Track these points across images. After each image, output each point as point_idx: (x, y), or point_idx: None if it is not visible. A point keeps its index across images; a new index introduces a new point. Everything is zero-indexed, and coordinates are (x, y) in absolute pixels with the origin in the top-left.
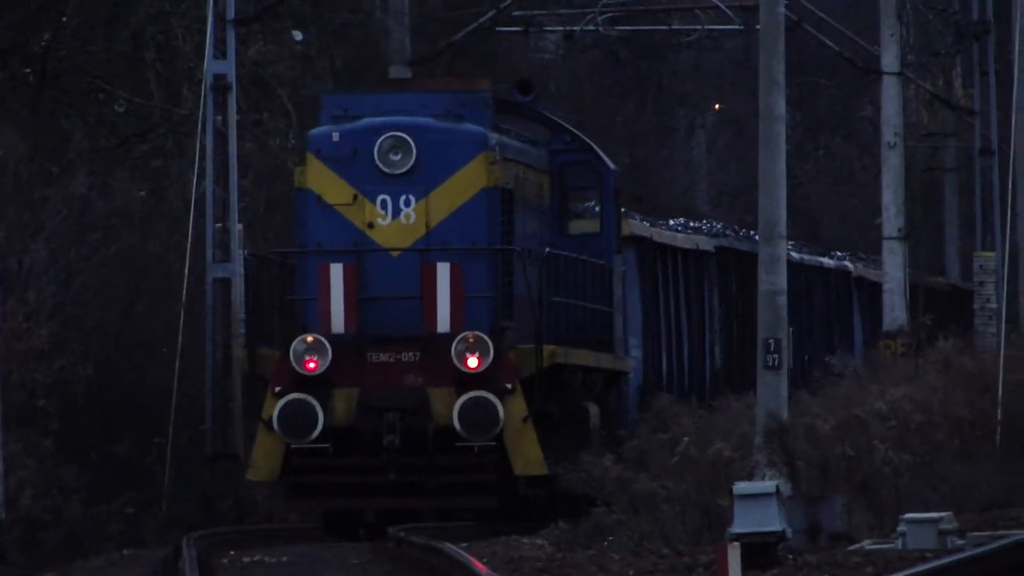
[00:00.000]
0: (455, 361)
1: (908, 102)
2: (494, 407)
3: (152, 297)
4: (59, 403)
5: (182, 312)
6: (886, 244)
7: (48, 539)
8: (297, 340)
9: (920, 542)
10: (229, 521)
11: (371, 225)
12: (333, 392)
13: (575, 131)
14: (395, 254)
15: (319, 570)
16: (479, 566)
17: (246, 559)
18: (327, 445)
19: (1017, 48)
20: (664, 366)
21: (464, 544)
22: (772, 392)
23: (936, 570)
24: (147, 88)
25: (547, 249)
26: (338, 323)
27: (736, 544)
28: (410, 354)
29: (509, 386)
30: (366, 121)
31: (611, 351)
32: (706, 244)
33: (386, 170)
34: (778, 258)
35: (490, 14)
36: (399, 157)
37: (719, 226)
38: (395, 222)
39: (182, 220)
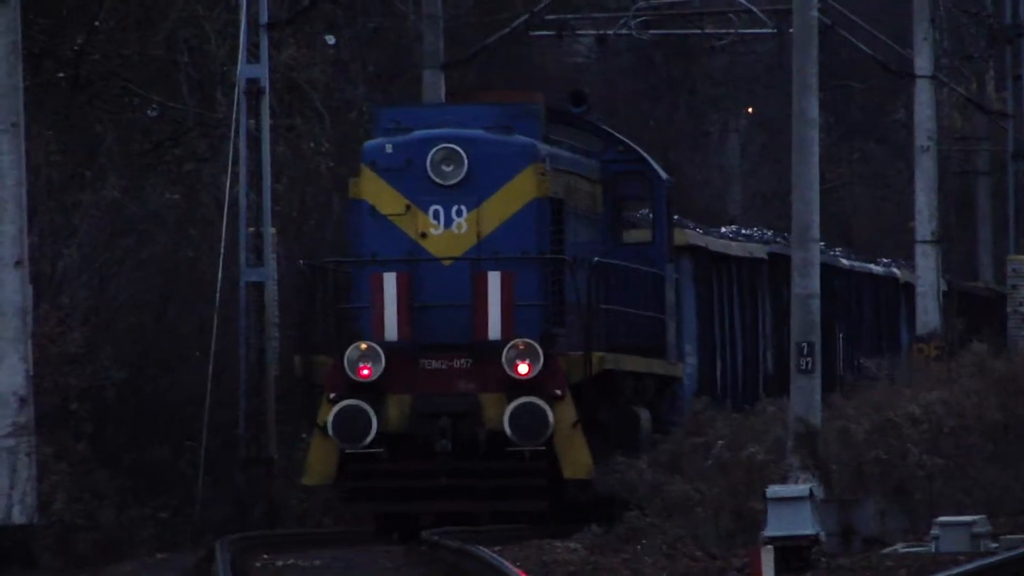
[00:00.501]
0: (506, 368)
1: (941, 106)
2: (544, 413)
3: (185, 301)
4: (92, 407)
5: (215, 316)
6: (919, 248)
7: (81, 543)
8: (351, 347)
9: (953, 545)
10: (262, 525)
11: (424, 235)
12: (387, 398)
13: (628, 141)
14: (447, 263)
15: (352, 574)
16: (515, 570)
17: (279, 563)
18: (381, 450)
19: None
20: (718, 372)
21: (497, 548)
22: (805, 396)
23: (969, 573)
24: (180, 92)
25: (595, 258)
26: (391, 331)
27: (769, 547)
28: (462, 361)
29: (559, 392)
30: (419, 133)
31: (664, 357)
32: (759, 251)
33: (438, 181)
34: (811, 262)
35: (523, 18)
36: (451, 168)
37: (770, 233)
38: (447, 232)
39: (215, 224)
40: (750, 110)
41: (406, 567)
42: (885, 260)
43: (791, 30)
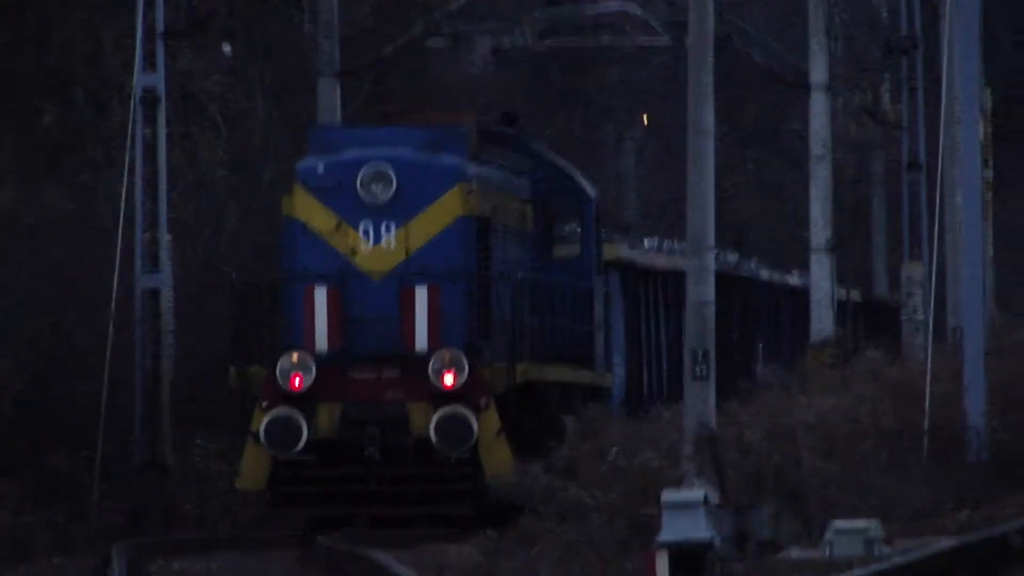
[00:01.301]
0: (432, 378)
1: (836, 115)
2: (468, 421)
3: (82, 309)
4: None
5: (111, 323)
6: (814, 256)
7: None
8: (283, 358)
9: (847, 550)
10: (158, 530)
11: (354, 251)
12: (317, 407)
13: (557, 160)
14: (376, 278)
15: None
16: (409, 573)
17: (176, 567)
18: (312, 457)
19: (945, 63)
20: (645, 380)
21: (392, 552)
22: (700, 402)
23: None
24: (76, 101)
25: (520, 274)
26: (322, 342)
27: (664, 552)
28: (390, 371)
29: (483, 402)
30: (349, 154)
31: (592, 368)
32: (684, 265)
33: (368, 200)
34: (706, 269)
35: (419, 28)
36: (380, 188)
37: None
38: (377, 248)
39: (111, 232)
40: (645, 118)
41: (301, 570)
42: (802, 273)
43: (687, 41)
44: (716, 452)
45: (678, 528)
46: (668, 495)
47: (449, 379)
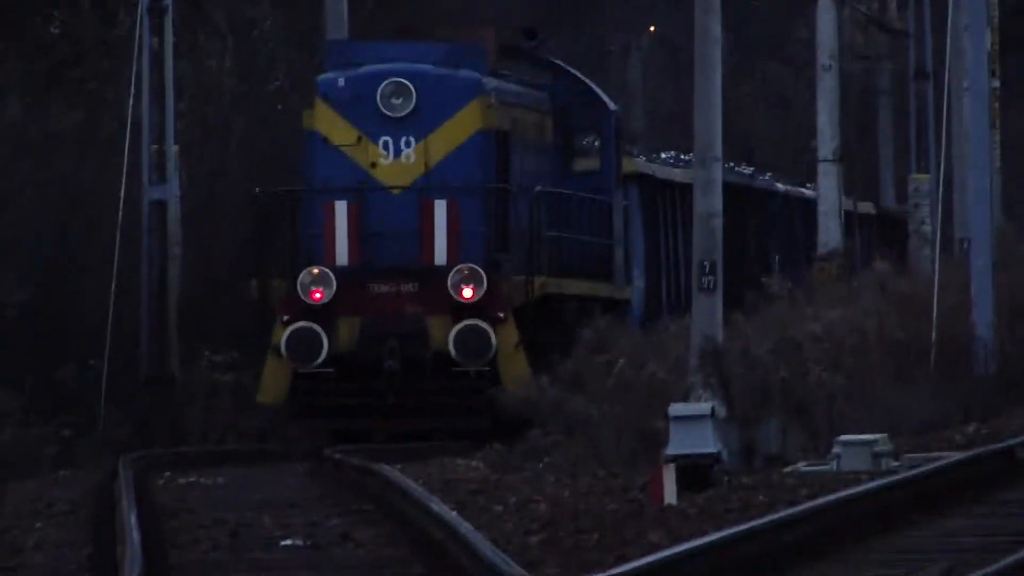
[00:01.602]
0: (451, 291)
1: (843, 25)
2: (487, 334)
3: (88, 221)
4: None
5: (118, 234)
6: (821, 167)
7: None
8: (304, 272)
9: (854, 464)
10: (165, 444)
11: (374, 165)
12: (337, 321)
13: (578, 74)
14: (396, 192)
15: (254, 490)
16: (416, 487)
17: (182, 480)
18: (331, 370)
19: None
20: (664, 293)
21: (399, 466)
22: (707, 315)
23: (871, 491)
24: (81, 10)
25: (537, 187)
26: (342, 256)
27: (671, 466)
28: (409, 285)
29: (501, 315)
30: (369, 68)
31: (612, 281)
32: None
33: (388, 113)
34: (713, 180)
35: None
36: (400, 101)
37: (731, 164)
38: (396, 162)
39: (118, 143)
40: (652, 29)
41: (309, 484)
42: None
43: None
44: (722, 366)
45: (686, 441)
46: (675, 408)
47: (468, 292)
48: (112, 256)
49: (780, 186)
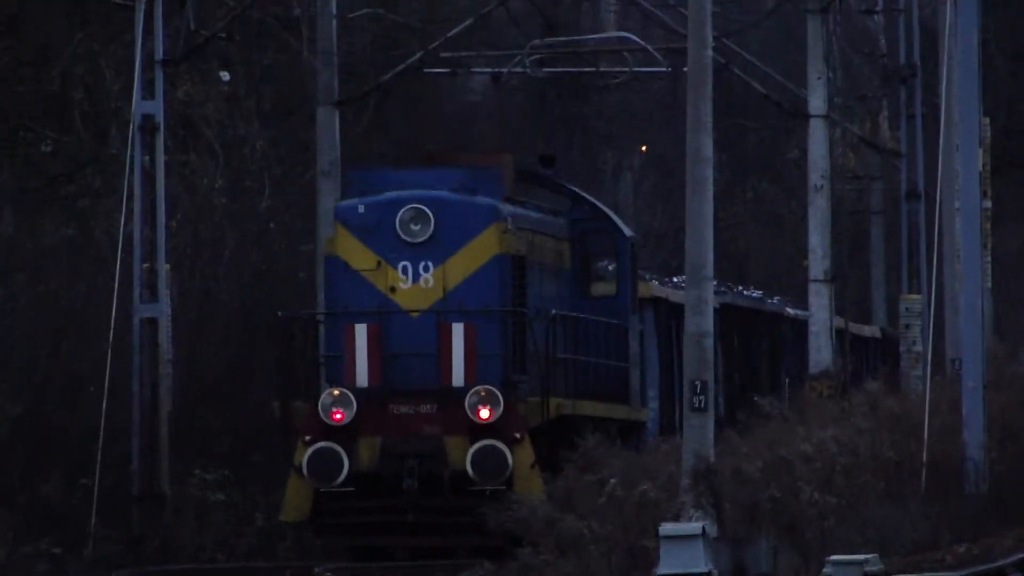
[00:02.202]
0: (468, 412)
1: (835, 145)
2: (504, 454)
3: (80, 337)
4: None
5: (109, 352)
6: (812, 287)
7: None
8: (325, 393)
9: None
10: (155, 561)
11: (393, 289)
12: (358, 440)
13: (594, 201)
14: (415, 315)
15: None
16: None
17: None
18: (352, 488)
19: (944, 91)
20: (677, 414)
21: None
22: (699, 433)
23: None
24: (74, 128)
25: (553, 311)
26: (362, 377)
27: None
28: (428, 406)
29: (518, 435)
30: (389, 194)
31: (628, 403)
32: (712, 302)
33: (407, 239)
34: (705, 300)
35: (417, 55)
36: (419, 227)
37: (720, 284)
38: (415, 286)
39: (109, 260)
40: (644, 148)
41: None
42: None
43: (685, 69)
44: (714, 485)
45: (676, 561)
46: (666, 528)
47: (485, 413)
48: (103, 371)
49: (790, 310)
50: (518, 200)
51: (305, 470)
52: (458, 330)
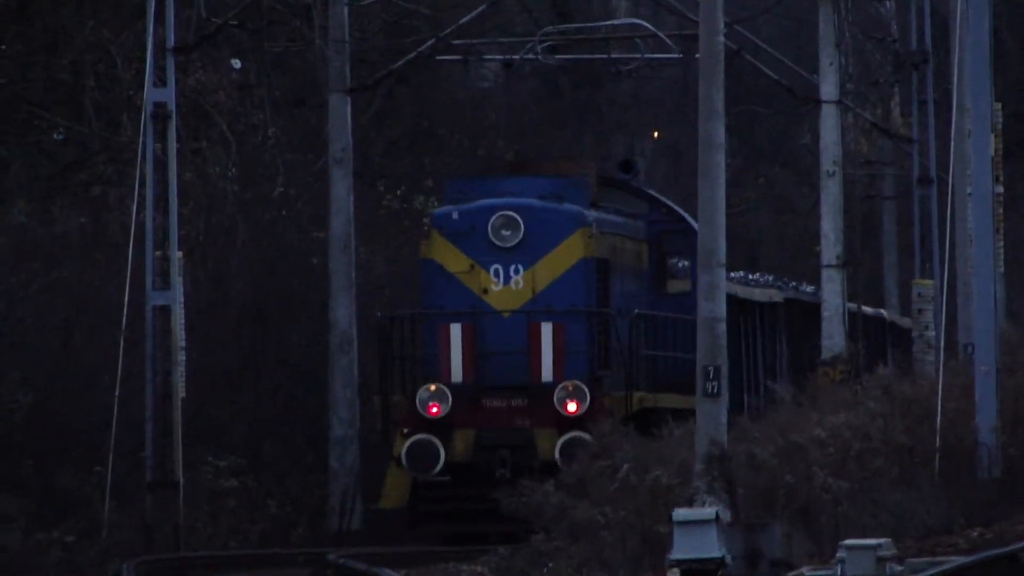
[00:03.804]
0: (557, 406)
1: (847, 130)
2: (591, 445)
3: (92, 325)
4: None
5: (122, 340)
6: (825, 272)
7: None
8: (422, 388)
9: (859, 568)
10: (168, 549)
11: (485, 290)
12: (453, 432)
13: (670, 204)
14: (506, 315)
15: None
16: None
17: None
18: (447, 478)
19: (956, 77)
20: (746, 403)
21: (403, 571)
22: (711, 419)
23: None
24: (86, 117)
25: (635, 310)
26: (457, 374)
27: (676, 571)
28: (519, 400)
29: (605, 428)
30: (481, 202)
31: None
32: (777, 297)
33: (498, 243)
34: (717, 285)
35: (429, 43)
36: (509, 233)
37: (785, 280)
38: (506, 288)
39: (122, 248)
40: (656, 135)
41: None
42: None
43: (697, 55)
44: (727, 470)
45: (690, 546)
46: (679, 513)
47: (572, 407)
48: (116, 359)
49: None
50: (601, 205)
51: (404, 461)
52: (547, 329)
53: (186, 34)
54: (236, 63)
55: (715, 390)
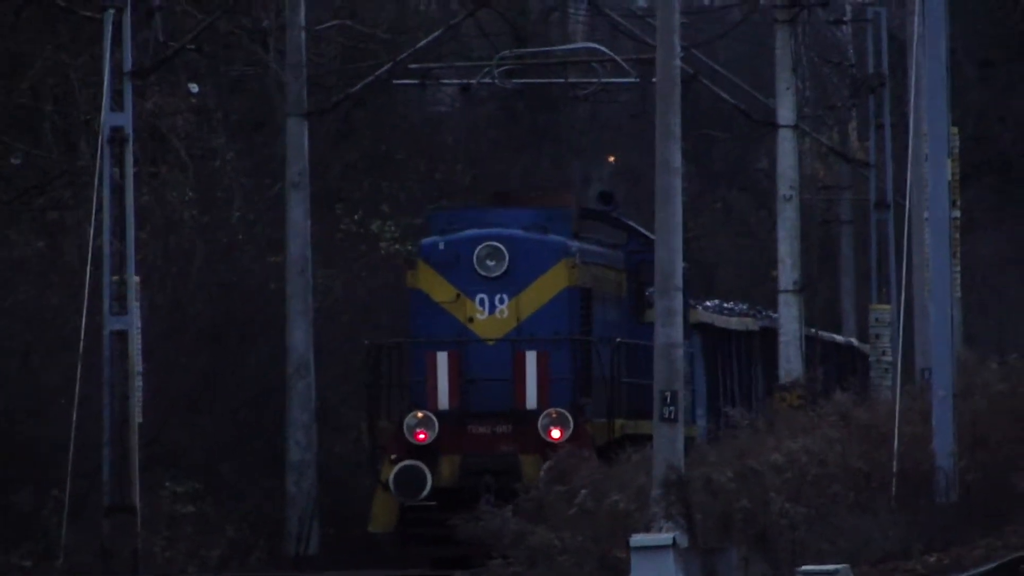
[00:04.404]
0: (541, 432)
1: (804, 155)
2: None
3: (49, 349)
4: None
5: (79, 364)
6: (782, 297)
7: None
8: (409, 415)
9: None
10: (126, 573)
11: (471, 319)
12: (440, 458)
13: (648, 234)
14: (491, 343)
15: None
16: None
17: None
18: (434, 503)
19: (912, 100)
20: (722, 430)
21: None
22: (669, 444)
23: None
24: (44, 141)
25: (617, 339)
26: (443, 400)
27: None
28: (504, 426)
29: (586, 454)
30: (467, 232)
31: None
32: (752, 325)
33: (483, 273)
34: (675, 311)
35: (387, 67)
36: (494, 263)
37: (760, 308)
38: (491, 317)
39: (79, 272)
40: (612, 159)
41: None
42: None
43: (654, 79)
44: (685, 495)
45: (647, 572)
46: (637, 539)
47: (556, 433)
48: (73, 383)
49: (823, 334)
50: (583, 236)
51: (392, 486)
52: (531, 357)
53: (144, 58)
54: (194, 87)
55: (672, 415)
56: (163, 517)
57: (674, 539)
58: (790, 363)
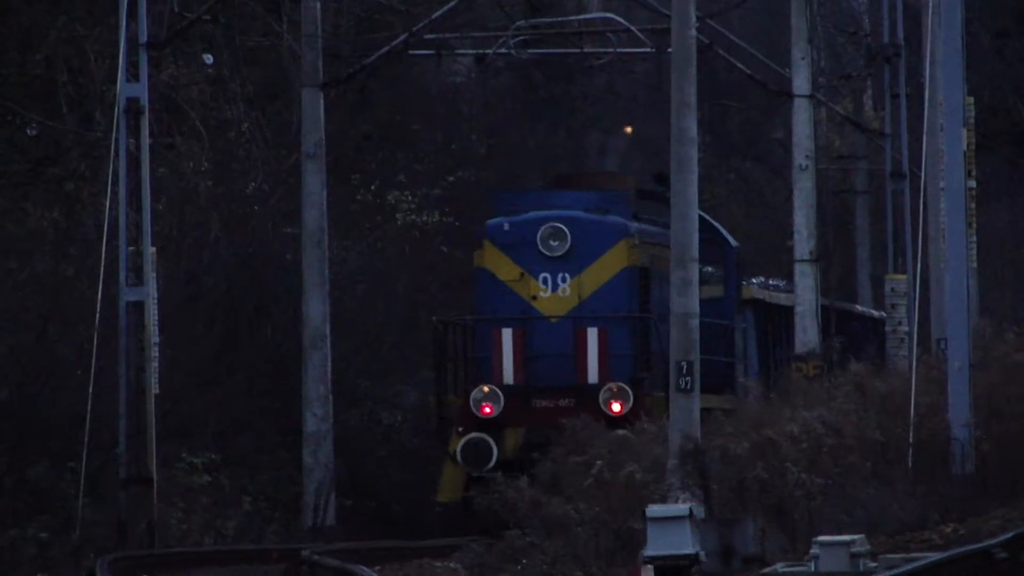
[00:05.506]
0: (602, 406)
1: (819, 125)
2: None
3: (66, 321)
4: None
5: (95, 335)
6: (798, 267)
7: None
8: (476, 390)
9: (832, 565)
10: (143, 545)
11: (534, 297)
12: (504, 431)
13: (705, 215)
14: (554, 320)
15: None
16: None
17: None
18: (500, 473)
19: (928, 70)
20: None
21: (377, 567)
22: (685, 414)
23: None
24: (59, 112)
25: None
26: (508, 376)
27: (649, 567)
28: (566, 400)
29: (646, 427)
30: (531, 214)
31: (734, 394)
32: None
33: (547, 253)
34: (690, 280)
35: (402, 37)
36: (557, 243)
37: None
38: (554, 295)
39: (95, 244)
40: (628, 129)
41: None
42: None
43: (670, 49)
44: (701, 465)
45: (663, 542)
46: (653, 510)
47: (616, 407)
48: (90, 355)
49: (859, 308)
50: (640, 217)
51: (459, 457)
52: (592, 334)
53: (159, 29)
54: (209, 58)
55: (688, 385)
56: (179, 489)
57: (691, 510)
58: (806, 333)
